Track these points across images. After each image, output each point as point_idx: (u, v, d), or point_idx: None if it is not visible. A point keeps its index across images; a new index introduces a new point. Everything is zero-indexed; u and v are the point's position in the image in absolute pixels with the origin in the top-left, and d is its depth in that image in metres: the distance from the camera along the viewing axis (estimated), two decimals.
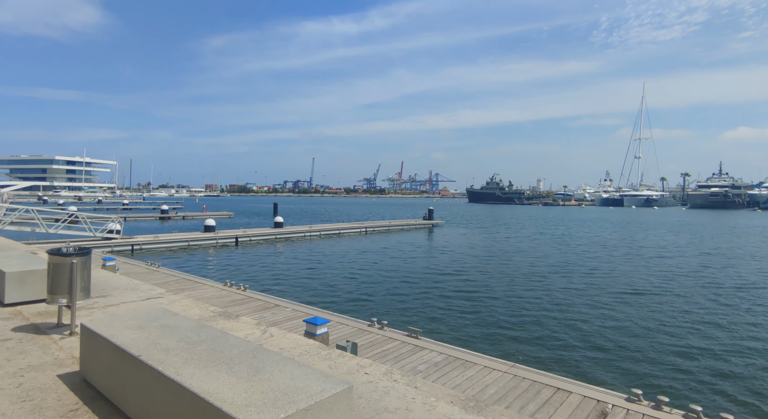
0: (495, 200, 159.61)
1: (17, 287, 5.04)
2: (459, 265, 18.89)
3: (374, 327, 7.64)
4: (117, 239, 21.73)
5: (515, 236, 33.49)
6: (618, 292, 13.80)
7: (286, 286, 13.99)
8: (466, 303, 11.84)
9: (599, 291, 13.88)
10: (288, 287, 13.88)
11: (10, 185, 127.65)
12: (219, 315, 4.87)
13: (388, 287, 14.01)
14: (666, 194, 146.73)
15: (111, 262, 9.32)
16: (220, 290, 10.53)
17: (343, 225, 33.29)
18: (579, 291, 13.79)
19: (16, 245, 10.45)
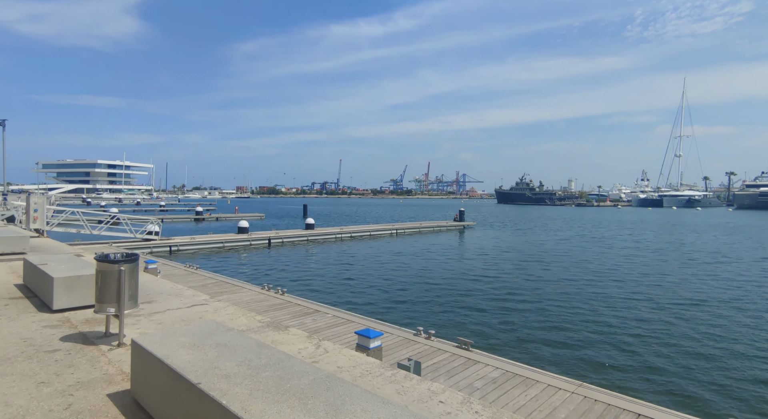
0: (525, 201, 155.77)
1: (65, 293, 4.94)
2: (498, 269, 18.17)
3: (420, 336, 7.23)
4: (156, 240, 22.27)
5: (553, 238, 32.23)
6: (684, 302, 12.66)
7: (321, 289, 13.79)
8: (513, 312, 11.21)
9: (661, 300, 12.88)
10: (323, 290, 13.66)
11: (57, 188, 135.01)
12: (267, 326, 4.59)
13: (425, 292, 13.56)
14: (709, 195, 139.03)
15: (153, 265, 9.35)
16: (258, 293, 10.39)
17: (374, 227, 33.04)
18: (639, 301, 12.80)
19: (63, 247, 10.68)
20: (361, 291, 13.54)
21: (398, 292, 13.41)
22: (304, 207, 57.53)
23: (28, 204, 12.50)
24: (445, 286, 14.36)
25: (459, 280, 15.48)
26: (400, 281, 15.05)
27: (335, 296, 12.72)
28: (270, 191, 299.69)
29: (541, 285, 14.68)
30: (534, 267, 18.84)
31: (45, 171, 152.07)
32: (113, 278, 3.89)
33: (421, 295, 12.95)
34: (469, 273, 16.97)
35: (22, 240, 9.46)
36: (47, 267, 5.41)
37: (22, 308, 5.01)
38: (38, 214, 12.62)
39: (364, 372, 3.45)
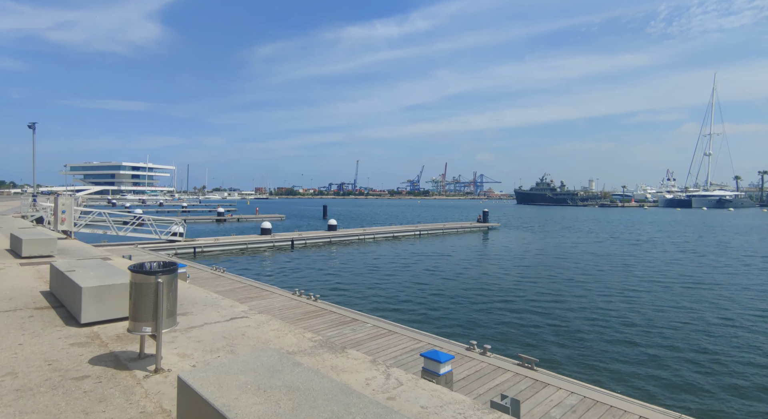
0: (545, 202, 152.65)
1: (95, 305, 4.43)
2: (536, 274, 17.19)
3: (474, 351, 6.52)
4: (180, 241, 22.11)
5: (586, 241, 30.92)
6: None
7: (352, 294, 13.19)
8: (565, 323, 10.28)
9: (743, 311, 11.68)
10: (353, 295, 13.06)
11: (84, 190, 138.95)
12: (321, 346, 3.97)
13: (462, 298, 12.81)
14: (741, 195, 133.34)
15: (182, 269, 8.92)
16: (290, 299, 9.85)
17: (397, 228, 32.37)
18: (718, 311, 11.65)
19: (91, 250, 10.35)
20: (393, 296, 12.88)
21: (433, 298, 12.70)
22: (323, 208, 57.29)
23: (56, 206, 12.30)
24: (482, 292, 13.57)
25: (496, 286, 14.64)
26: (433, 286, 14.33)
27: (368, 302, 12.10)
28: (288, 192, 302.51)
29: (587, 293, 13.71)
30: (574, 272, 17.78)
31: (73, 173, 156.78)
32: (149, 292, 3.33)
33: (458, 302, 12.20)
34: (505, 278, 16.11)
35: (50, 243, 9.15)
36: (75, 275, 4.93)
37: (48, 321, 4.53)
38: (66, 215, 12.41)
39: (456, 413, 2.78)
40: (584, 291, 13.82)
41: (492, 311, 11.16)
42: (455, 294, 13.16)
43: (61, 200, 12.48)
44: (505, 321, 10.36)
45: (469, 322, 10.23)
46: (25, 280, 6.70)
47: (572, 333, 9.46)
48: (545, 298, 12.78)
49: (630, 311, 11.51)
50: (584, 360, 7.85)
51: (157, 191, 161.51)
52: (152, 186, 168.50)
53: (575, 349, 8.39)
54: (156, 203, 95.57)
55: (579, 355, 8.08)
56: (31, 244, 8.89)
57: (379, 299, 12.58)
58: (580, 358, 7.93)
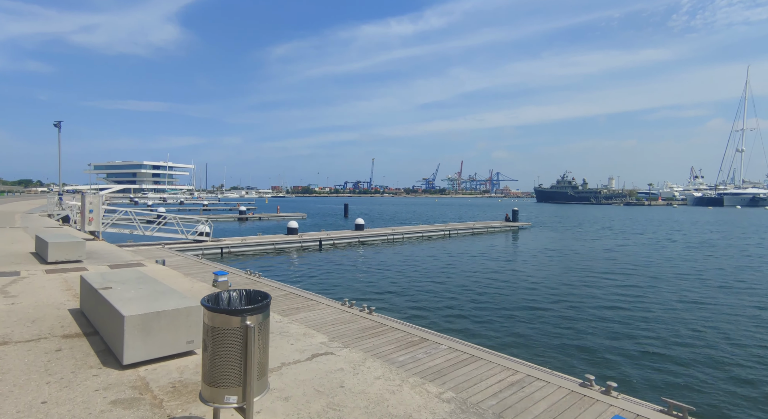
0: (567, 200, 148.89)
1: (141, 339, 3.34)
2: (607, 283, 15.17)
3: (593, 389, 5.22)
4: (207, 241, 21.32)
5: (635, 242, 28.91)
6: None
7: (401, 304, 12.00)
8: (692, 351, 8.50)
9: None
10: (403, 305, 11.87)
11: (107, 188, 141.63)
12: (461, 412, 2.78)
13: (526, 310, 11.47)
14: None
15: (223, 277, 7.87)
16: (341, 311, 8.71)
17: (426, 227, 31.10)
18: None
19: (122, 254, 9.42)
20: (450, 309, 11.61)
21: (495, 311, 11.33)
22: (345, 207, 56.37)
23: (84, 205, 11.48)
24: (553, 305, 12.06)
25: (566, 296, 12.91)
26: (489, 296, 12.99)
27: (422, 314, 10.88)
28: (304, 190, 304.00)
29: (684, 308, 12.09)
30: (649, 280, 15.47)
31: (96, 172, 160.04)
32: (234, 342, 2.19)
33: (527, 317, 10.80)
34: (572, 287, 14.32)
35: (78, 246, 8.21)
36: (112, 294, 3.87)
37: (80, 359, 3.45)
38: (93, 215, 11.59)
39: None
40: (681, 306, 12.19)
41: (577, 330, 9.74)
42: (518, 306, 11.74)
43: (89, 199, 11.66)
44: (600, 343, 8.92)
45: (551, 343, 8.89)
46: (51, 293, 5.72)
47: (707, 366, 7.82)
48: (636, 314, 11.20)
49: (728, 330, 10.00)
50: (728, 399, 6.44)
51: (177, 189, 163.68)
52: (172, 185, 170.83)
53: (725, 393, 6.83)
54: (177, 202, 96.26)
55: (715, 395, 6.65)
56: (58, 248, 7.97)
57: (436, 311, 11.36)
58: (718, 399, 6.50)
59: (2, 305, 4.99)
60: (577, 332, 9.52)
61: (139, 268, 7.75)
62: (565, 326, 9.97)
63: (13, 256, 8.76)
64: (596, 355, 8.21)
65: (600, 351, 8.43)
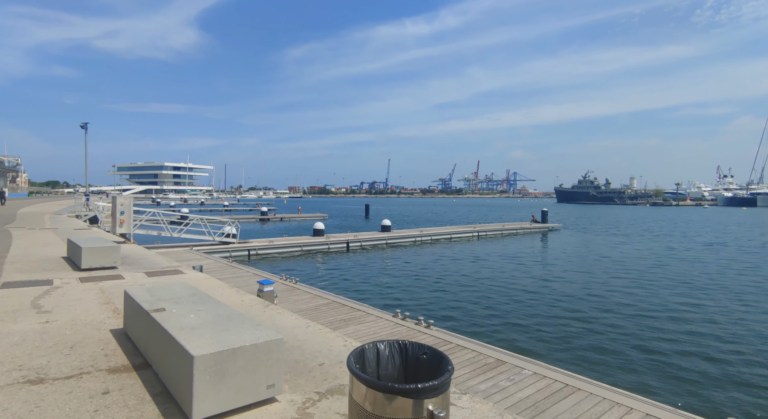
0: (589, 200, 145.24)
1: (213, 385, 2.55)
2: (684, 296, 13.54)
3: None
4: (234, 243, 20.81)
5: (684, 246, 27.16)
6: None
7: (447, 315, 11.10)
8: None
9: None
10: (449, 316, 10.97)
11: (129, 189, 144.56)
12: None
13: (593, 325, 10.43)
14: None
15: (269, 287, 7.11)
16: (394, 324, 7.88)
17: (454, 229, 30.08)
18: None
19: (159, 260, 8.77)
20: (508, 321, 10.66)
21: (562, 327, 10.26)
22: (366, 207, 55.70)
23: (115, 206, 10.96)
24: (624, 319, 10.85)
25: (636, 309, 11.85)
26: (544, 307, 11.94)
27: (479, 330, 9.95)
28: (320, 190, 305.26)
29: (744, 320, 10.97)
30: (721, 291, 14.14)
31: (119, 173, 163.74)
32: None
33: (599, 332, 9.70)
34: (638, 298, 12.99)
35: (112, 252, 7.58)
36: (169, 320, 3.10)
37: (134, 408, 2.69)
38: (125, 217, 11.06)
39: None
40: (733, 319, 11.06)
41: (673, 350, 8.59)
42: (589, 321, 10.58)
43: (119, 201, 11.14)
44: (705, 368, 7.86)
45: (649, 368, 7.83)
46: (89, 307, 5.03)
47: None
48: (715, 332, 10.08)
49: None
50: None
51: (197, 190, 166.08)
52: (192, 186, 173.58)
53: None
54: (197, 203, 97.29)
55: None
56: (92, 253, 7.35)
57: (491, 325, 10.42)
58: None
59: (36, 325, 4.31)
60: (675, 354, 8.43)
61: (180, 277, 7.07)
62: (655, 344, 8.91)
63: (45, 261, 8.21)
64: (714, 382, 7.15)
65: (714, 376, 7.36)
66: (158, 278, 6.95)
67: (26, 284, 6.21)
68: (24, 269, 7.37)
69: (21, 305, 5.06)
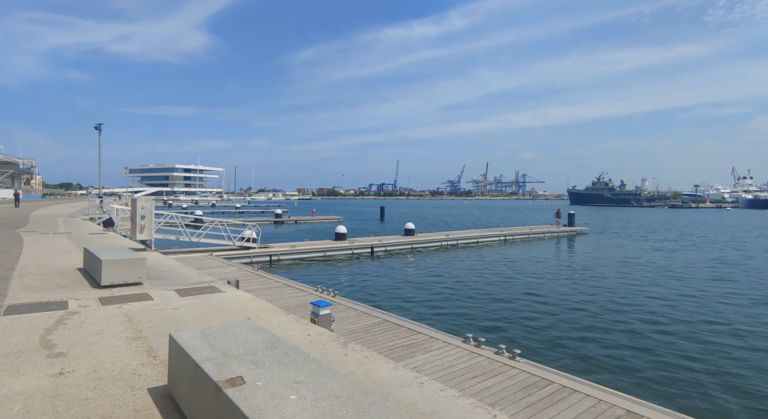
0: (604, 202, 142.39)
1: None
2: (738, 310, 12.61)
3: None
4: (255, 248, 19.68)
5: (732, 254, 25.72)
6: None
7: (516, 340, 9.78)
8: None
9: None
10: (530, 343, 9.65)
11: (141, 191, 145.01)
12: None
13: (689, 355, 9.04)
14: None
15: (325, 310, 5.86)
16: (470, 354, 6.57)
17: (481, 233, 28.69)
18: None
19: (189, 274, 7.57)
20: (600, 344, 9.33)
21: (664, 360, 8.93)
22: (381, 210, 54.48)
23: (135, 210, 9.85)
24: (705, 343, 9.67)
25: (708, 326, 10.63)
26: (628, 332, 10.54)
27: (569, 354, 8.60)
28: (329, 192, 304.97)
29: None
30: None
31: (131, 175, 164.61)
32: None
33: (710, 362, 8.35)
34: (705, 313, 11.88)
35: (137, 264, 6.41)
36: (262, 411, 1.87)
37: None
38: (146, 222, 9.94)
39: None
40: None
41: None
42: (685, 344, 9.28)
43: (140, 204, 10.03)
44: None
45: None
46: (116, 347, 3.82)
47: None
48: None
49: None
50: None
51: (207, 192, 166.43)
52: (202, 187, 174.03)
53: None
54: (208, 204, 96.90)
55: None
56: (113, 268, 6.18)
57: (596, 355, 9.09)
58: None
59: (46, 379, 3.10)
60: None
61: (219, 297, 5.86)
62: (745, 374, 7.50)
63: (59, 274, 7.07)
64: None
65: None
66: (193, 298, 5.76)
67: (36, 308, 5.04)
68: (34, 285, 6.22)
69: (28, 342, 3.87)
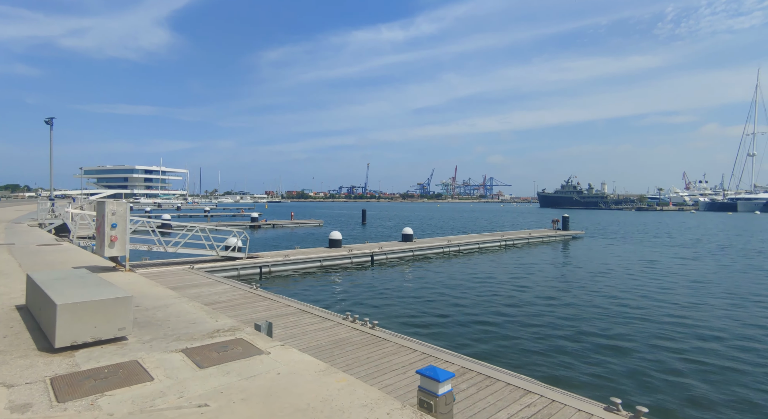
0: (573, 205, 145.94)
1: None
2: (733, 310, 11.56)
3: None
4: (242, 258, 16.97)
5: (729, 257, 25.14)
6: None
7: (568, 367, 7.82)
8: None
9: None
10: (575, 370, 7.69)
11: (97, 193, 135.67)
12: None
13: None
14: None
15: (445, 386, 3.49)
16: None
17: (482, 238, 27.00)
18: None
19: (182, 305, 5.08)
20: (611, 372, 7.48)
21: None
22: (362, 213, 52.19)
23: (103, 216, 7.17)
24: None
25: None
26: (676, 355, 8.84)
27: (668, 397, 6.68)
28: (299, 195, 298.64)
29: None
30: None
31: (87, 177, 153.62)
32: None
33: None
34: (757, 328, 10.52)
35: (118, 308, 3.94)
36: None
37: None
38: (118, 232, 7.29)
39: None
40: None
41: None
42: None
43: (109, 208, 7.35)
44: None
45: None
46: None
47: None
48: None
49: None
50: None
51: (170, 194, 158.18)
52: (165, 190, 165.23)
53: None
54: (173, 207, 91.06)
55: None
56: (77, 315, 3.69)
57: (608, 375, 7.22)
58: None
59: None
60: None
61: (257, 363, 3.48)
62: None
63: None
64: None
65: None
66: (220, 371, 3.37)
67: None
68: None
69: None
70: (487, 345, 8.89)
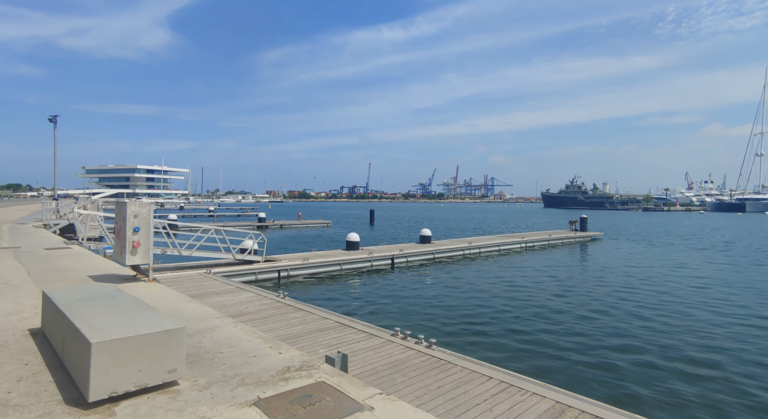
0: (577, 206, 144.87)
1: None
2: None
3: None
4: (259, 262, 16.06)
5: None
6: None
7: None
8: None
9: None
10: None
11: (99, 193, 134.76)
12: None
13: None
14: None
15: None
16: None
17: (502, 239, 26.07)
18: None
19: (232, 331, 4.11)
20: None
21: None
22: (371, 213, 51.21)
23: (125, 219, 6.25)
24: None
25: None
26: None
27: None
28: (300, 195, 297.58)
29: None
30: None
31: (88, 176, 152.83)
32: None
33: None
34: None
35: (168, 344, 2.97)
36: None
37: None
38: (140, 237, 6.38)
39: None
40: None
41: None
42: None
43: (132, 209, 6.43)
44: None
45: None
46: None
47: None
48: None
49: None
50: None
51: (172, 194, 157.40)
52: (167, 189, 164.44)
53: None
54: (176, 207, 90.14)
55: None
56: (116, 354, 2.73)
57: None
58: None
59: None
60: None
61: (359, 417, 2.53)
62: None
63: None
64: None
65: None
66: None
67: None
68: None
69: None
70: (560, 365, 7.94)
